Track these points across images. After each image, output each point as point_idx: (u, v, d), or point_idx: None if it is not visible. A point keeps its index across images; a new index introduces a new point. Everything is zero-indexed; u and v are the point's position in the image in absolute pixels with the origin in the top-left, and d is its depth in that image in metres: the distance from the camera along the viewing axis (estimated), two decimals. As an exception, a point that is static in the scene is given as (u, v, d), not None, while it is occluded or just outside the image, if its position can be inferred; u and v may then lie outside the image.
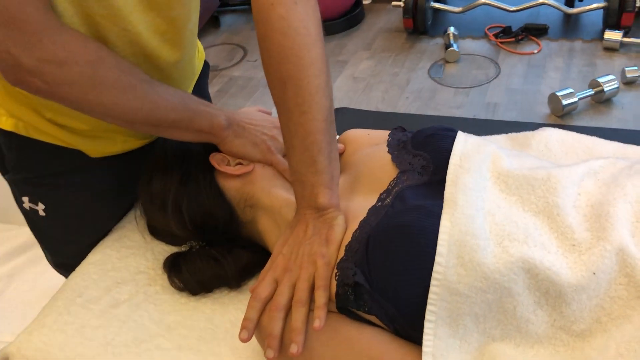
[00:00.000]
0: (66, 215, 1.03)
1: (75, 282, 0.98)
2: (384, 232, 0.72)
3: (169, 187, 0.92)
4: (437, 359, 0.68)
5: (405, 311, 0.70)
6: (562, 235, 0.69)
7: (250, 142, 0.94)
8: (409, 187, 0.79)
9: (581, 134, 0.95)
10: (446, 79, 2.18)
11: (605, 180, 0.75)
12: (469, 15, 2.39)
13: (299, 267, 0.77)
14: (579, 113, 1.93)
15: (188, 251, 0.95)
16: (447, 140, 0.82)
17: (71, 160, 0.97)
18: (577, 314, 0.66)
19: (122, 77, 0.81)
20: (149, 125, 0.87)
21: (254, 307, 0.76)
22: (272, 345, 0.73)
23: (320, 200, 0.79)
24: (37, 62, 0.73)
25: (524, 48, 2.23)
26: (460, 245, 0.68)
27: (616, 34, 2.07)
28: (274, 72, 0.80)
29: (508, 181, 0.75)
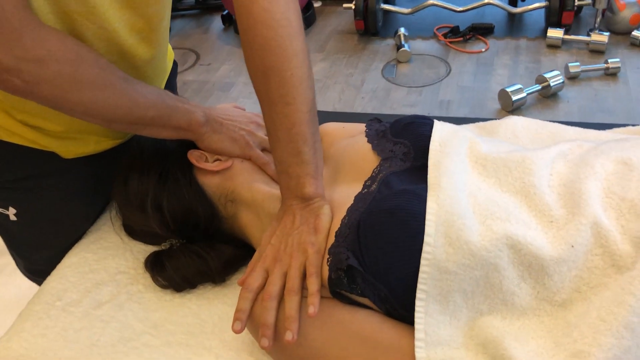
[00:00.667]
0: (39, 219, 1.00)
1: (52, 286, 0.96)
2: (374, 216, 0.74)
3: (146, 187, 0.92)
4: (429, 335, 0.71)
5: (397, 291, 0.72)
6: (540, 212, 0.73)
7: (228, 138, 0.95)
8: (393, 173, 0.82)
9: (544, 121, 1.00)
10: (399, 79, 2.23)
11: (574, 160, 0.79)
12: (417, 16, 2.45)
13: (289, 256, 0.78)
14: (527, 107, 2.01)
15: (170, 248, 0.95)
16: (425, 128, 0.85)
17: (44, 162, 0.95)
18: (559, 285, 0.70)
19: (101, 74, 0.80)
20: (128, 124, 0.86)
21: (246, 297, 0.77)
22: (266, 334, 0.74)
23: (306, 190, 0.81)
24: (16, 61, 0.72)
25: (472, 47, 2.31)
26: (448, 225, 0.71)
27: (558, 32, 2.17)
28: (257, 64, 0.81)
29: (486, 164, 0.79)
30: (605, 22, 2.20)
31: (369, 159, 0.88)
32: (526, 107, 2.02)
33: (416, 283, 0.71)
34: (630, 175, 0.75)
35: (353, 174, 0.87)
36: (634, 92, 1.99)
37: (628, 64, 2.09)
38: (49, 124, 0.91)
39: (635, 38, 2.13)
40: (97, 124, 0.86)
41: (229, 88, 2.28)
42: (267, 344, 0.74)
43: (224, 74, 2.37)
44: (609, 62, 2.03)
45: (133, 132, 0.91)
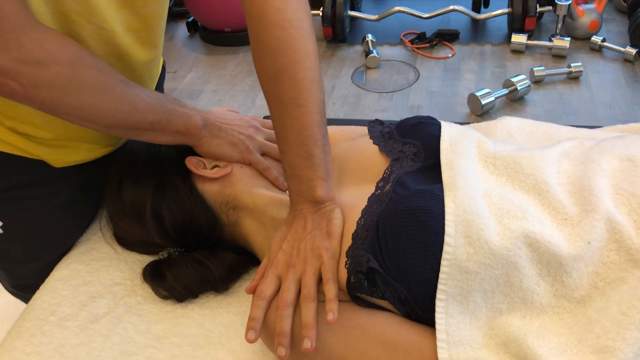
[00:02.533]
0: (27, 231, 0.96)
1: (43, 300, 0.91)
2: (394, 217, 0.73)
3: (143, 196, 0.89)
4: (451, 335, 0.70)
5: (417, 292, 0.72)
6: (554, 210, 0.74)
7: (227, 142, 0.93)
8: (406, 173, 0.81)
9: (537, 121, 1.02)
10: (369, 85, 2.24)
11: (578, 158, 0.81)
12: (384, 22, 2.47)
13: (302, 262, 0.77)
14: (496, 111, 2.05)
15: (169, 257, 0.92)
16: (433, 128, 0.86)
17: (33, 171, 0.91)
18: (577, 282, 0.71)
19: (101, 77, 0.77)
20: (127, 128, 0.83)
21: (259, 306, 0.75)
22: (283, 343, 0.72)
23: (317, 193, 0.80)
24: (13, 63, 0.68)
25: (438, 52, 2.34)
26: (467, 224, 0.71)
27: (521, 37, 2.22)
28: (268, 66, 0.80)
29: (496, 163, 0.79)
30: (565, 28, 2.27)
31: (377, 160, 0.87)
32: (495, 111, 2.05)
33: (436, 284, 0.71)
34: (637, 172, 0.76)
35: (360, 175, 0.87)
36: (596, 95, 2.05)
37: (589, 67, 2.16)
38: (40, 131, 0.87)
39: (594, 43, 2.20)
40: (94, 129, 0.82)
41: (197, 95, 2.24)
42: (284, 353, 0.72)
43: (191, 81, 2.33)
44: (572, 66, 2.09)
45: (131, 138, 0.88)
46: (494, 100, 2.00)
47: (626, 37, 2.29)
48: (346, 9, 2.39)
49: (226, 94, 2.23)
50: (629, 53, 2.13)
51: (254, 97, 2.19)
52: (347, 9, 2.40)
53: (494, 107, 2.01)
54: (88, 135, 0.91)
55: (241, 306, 0.89)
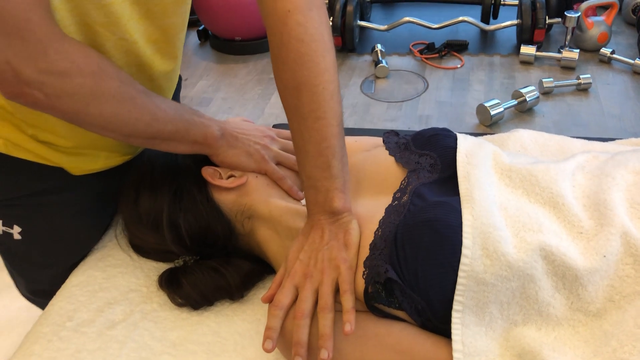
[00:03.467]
0: (44, 238, 0.97)
1: (61, 306, 0.92)
2: (412, 228, 0.74)
3: (160, 205, 0.90)
4: (467, 346, 0.71)
5: (434, 303, 0.72)
6: (570, 223, 0.75)
7: (244, 152, 0.94)
8: (423, 184, 0.82)
9: (550, 134, 1.03)
10: (378, 94, 2.25)
11: (592, 172, 0.81)
12: (393, 32, 2.49)
13: (320, 272, 0.77)
14: (505, 122, 2.06)
15: (185, 265, 0.93)
16: (450, 140, 0.87)
17: (52, 178, 0.92)
18: (593, 295, 0.71)
19: (122, 87, 0.79)
20: (146, 138, 0.84)
21: (277, 315, 0.76)
22: (300, 353, 0.73)
23: (335, 204, 0.81)
24: (38, 74, 0.70)
25: (447, 63, 2.35)
26: (484, 236, 0.72)
27: (530, 49, 2.23)
28: (288, 79, 0.81)
29: (511, 175, 0.80)
30: (574, 40, 2.28)
31: (393, 171, 0.88)
32: (504, 122, 2.06)
33: (453, 295, 0.71)
34: (651, 186, 0.77)
35: (377, 186, 0.87)
36: (605, 106, 2.06)
37: (598, 79, 2.16)
38: (59, 140, 0.89)
39: (603, 55, 2.21)
40: (115, 138, 0.83)
41: (208, 103, 2.25)
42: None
43: (201, 89, 2.34)
44: (581, 78, 2.10)
45: (150, 147, 0.89)
46: (502, 111, 2.01)
47: (635, 49, 2.30)
48: (356, 18, 2.40)
49: (236, 102, 2.24)
50: (638, 65, 2.14)
51: (264, 106, 2.20)
52: (356, 18, 2.42)
53: (503, 117, 2.02)
54: (105, 143, 0.92)
55: (256, 314, 0.90)
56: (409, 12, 2.61)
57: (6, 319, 1.39)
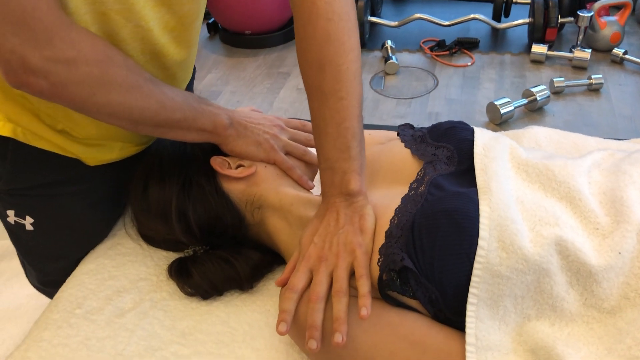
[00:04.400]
0: (57, 229, 0.97)
1: (70, 293, 0.92)
2: (430, 217, 0.74)
3: (169, 195, 0.89)
4: (480, 340, 0.70)
5: (448, 294, 0.72)
6: (586, 219, 0.74)
7: (253, 142, 0.93)
8: (440, 175, 0.82)
9: (564, 131, 1.02)
10: (387, 90, 2.25)
11: (610, 169, 0.81)
12: (404, 29, 2.48)
13: (335, 256, 0.77)
14: (515, 121, 2.05)
15: (194, 255, 0.92)
16: (466, 133, 0.86)
17: (67, 170, 0.92)
18: (607, 292, 0.70)
19: (129, 75, 0.78)
20: (154, 126, 0.84)
21: (291, 298, 0.75)
22: (314, 336, 0.73)
23: (351, 186, 0.80)
24: (44, 62, 0.69)
25: (458, 60, 2.34)
26: (501, 229, 0.71)
27: (542, 48, 2.22)
28: (313, 57, 0.80)
29: (528, 170, 0.79)
30: (586, 40, 2.26)
31: (409, 162, 0.87)
32: (514, 121, 2.05)
33: (468, 287, 0.71)
34: (668, 184, 0.76)
35: (392, 177, 0.87)
36: (617, 107, 2.05)
37: (609, 80, 2.15)
38: (76, 130, 0.89)
39: (615, 55, 2.20)
40: (123, 126, 0.83)
41: (216, 97, 2.25)
42: (315, 346, 0.72)
43: (210, 82, 2.34)
44: (593, 78, 2.09)
45: (158, 135, 0.89)
46: (513, 110, 2.00)
47: (648, 50, 2.29)
48: (366, 14, 2.39)
49: (245, 95, 2.24)
50: (651, 66, 2.13)
51: (272, 100, 2.20)
52: (367, 14, 2.41)
53: (513, 116, 2.01)
54: (120, 134, 0.92)
55: (265, 305, 0.89)
56: (420, 8, 2.60)
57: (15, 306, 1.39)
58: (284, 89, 2.26)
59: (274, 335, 0.85)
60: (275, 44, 2.52)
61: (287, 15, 2.52)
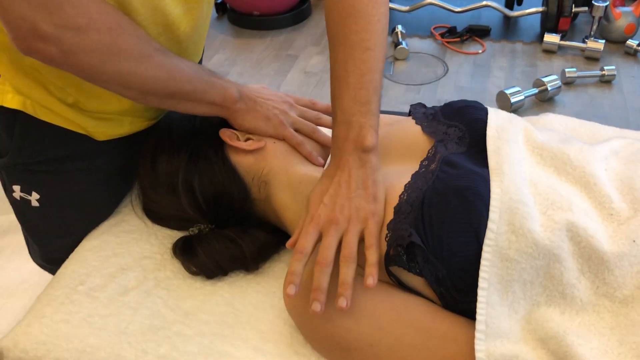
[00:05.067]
0: (62, 206, 0.96)
1: (73, 269, 0.91)
2: (441, 195, 0.72)
3: (176, 166, 0.88)
4: (490, 327, 0.69)
5: (456, 273, 0.70)
6: (600, 205, 0.73)
7: (262, 116, 0.92)
8: (452, 154, 0.80)
9: (580, 120, 1.00)
10: (397, 76, 2.22)
11: (628, 157, 0.79)
12: (414, 14, 2.45)
13: (346, 220, 0.75)
14: (525, 110, 2.03)
15: (200, 234, 0.91)
16: (480, 113, 0.84)
17: (75, 145, 0.92)
18: (620, 281, 0.69)
19: (140, 45, 0.77)
20: (163, 97, 0.83)
21: (300, 260, 0.74)
22: (320, 298, 0.71)
23: (367, 142, 0.77)
24: (55, 29, 0.68)
25: (468, 48, 2.31)
26: (511, 212, 0.70)
27: (554, 37, 2.19)
28: (345, 5, 0.79)
29: (543, 153, 0.78)
30: (600, 30, 2.23)
31: (420, 139, 0.86)
32: (524, 110, 2.03)
33: (475, 268, 0.69)
34: (688, 176, 0.74)
35: (403, 153, 0.85)
36: (629, 100, 2.02)
37: (622, 72, 2.12)
38: (86, 102, 0.87)
39: (629, 47, 2.17)
40: (132, 97, 0.82)
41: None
42: (319, 308, 0.71)
43: (217, 62, 2.32)
44: (605, 70, 2.06)
45: (167, 107, 0.88)
46: (523, 99, 1.97)
47: (662, 42, 2.25)
48: (378, -2, 2.37)
49: (252, 77, 2.22)
50: (665, 59, 2.10)
51: (280, 82, 2.18)
52: (378, -2, 2.39)
53: (523, 106, 1.99)
54: (130, 108, 0.91)
55: (270, 287, 0.88)
56: (431, -6, 2.57)
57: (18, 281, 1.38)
58: (292, 72, 2.24)
59: (279, 317, 0.84)
60: (283, 25, 2.49)
61: (296, -3, 2.49)
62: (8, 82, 0.85)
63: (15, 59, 0.82)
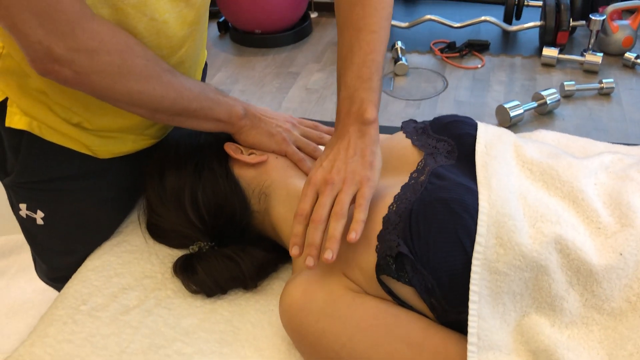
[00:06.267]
0: (67, 224, 0.98)
1: (76, 289, 0.93)
2: (429, 206, 0.74)
3: (184, 179, 0.92)
4: (482, 340, 0.70)
5: (444, 283, 0.71)
6: (588, 218, 0.74)
7: (266, 132, 0.96)
8: (441, 166, 0.82)
9: (572, 135, 1.01)
10: (397, 92, 2.24)
11: (617, 173, 0.80)
12: (414, 30, 2.48)
13: (341, 180, 0.78)
14: (524, 124, 2.04)
15: (200, 252, 0.93)
16: (468, 127, 0.86)
17: (79, 164, 0.95)
18: (608, 293, 0.70)
19: (148, 66, 0.81)
20: (172, 115, 0.87)
21: (300, 222, 0.77)
22: (312, 253, 0.74)
23: (367, 115, 0.81)
24: (68, 52, 0.73)
25: (468, 63, 2.34)
26: (499, 225, 0.71)
27: (553, 51, 2.21)
28: None
29: (532, 168, 0.79)
30: (598, 43, 2.25)
31: (410, 152, 0.88)
32: (523, 124, 2.04)
33: (462, 277, 0.71)
34: (676, 192, 0.76)
35: (393, 166, 0.88)
36: (628, 112, 2.03)
37: (621, 84, 2.14)
38: (91, 121, 0.91)
39: (627, 60, 2.18)
40: (142, 114, 0.86)
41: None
42: (312, 263, 0.74)
43: (220, 80, 2.35)
44: (604, 82, 2.07)
45: (175, 124, 0.92)
46: (522, 113, 1.99)
47: (660, 55, 2.27)
48: (377, 15, 2.40)
49: (254, 94, 2.25)
50: (663, 71, 2.11)
51: (281, 100, 2.20)
52: (378, 15, 2.41)
53: (523, 119, 2.01)
54: (133, 126, 0.95)
55: (269, 305, 0.90)
56: (430, 10, 2.60)
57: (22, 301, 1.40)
58: (293, 89, 2.27)
59: (277, 335, 0.85)
60: (285, 43, 2.53)
61: (297, 15, 2.53)
62: (15, 105, 0.89)
63: (23, 83, 0.86)
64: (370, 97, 0.82)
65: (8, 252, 1.52)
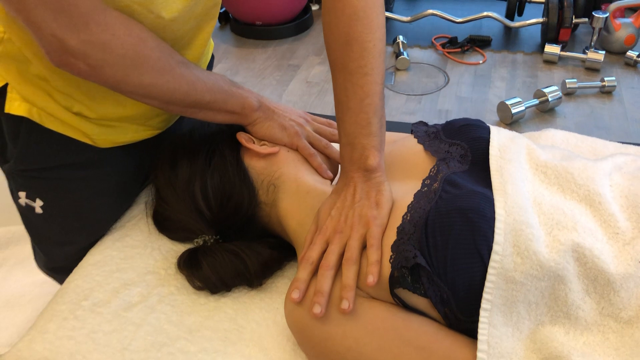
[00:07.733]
0: (65, 214, 0.97)
1: (77, 284, 0.91)
2: (445, 215, 0.72)
3: (195, 166, 0.91)
4: (492, 347, 0.69)
5: (460, 294, 0.70)
6: (605, 223, 0.73)
7: (278, 125, 0.96)
8: (454, 173, 0.81)
9: (581, 135, 1.00)
10: (398, 86, 2.23)
11: (632, 173, 0.79)
12: (416, 25, 2.46)
13: (349, 227, 0.78)
14: (526, 121, 2.03)
15: (204, 246, 0.92)
16: (481, 131, 0.85)
17: (79, 153, 0.94)
18: (626, 302, 0.69)
19: (162, 58, 0.81)
20: (185, 106, 0.87)
21: (306, 268, 0.77)
22: (320, 301, 0.73)
23: (369, 162, 0.81)
24: (81, 45, 0.72)
25: (469, 58, 2.32)
26: (516, 233, 0.70)
27: (555, 48, 2.19)
28: (340, 33, 0.82)
29: (547, 172, 0.78)
30: (600, 41, 2.24)
31: (421, 158, 0.87)
32: (524, 121, 2.03)
33: (480, 288, 0.70)
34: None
35: (404, 172, 0.87)
36: (629, 111, 2.02)
37: (622, 83, 2.13)
38: (92, 108, 0.90)
39: (629, 58, 2.17)
40: (156, 105, 0.86)
41: (225, 87, 2.24)
42: (319, 310, 0.73)
43: (220, 72, 2.31)
44: (605, 80, 2.06)
45: (188, 115, 0.91)
46: (524, 110, 1.98)
47: (662, 53, 2.26)
48: (379, 9, 2.38)
49: (254, 86, 2.22)
50: (665, 70, 2.10)
51: (281, 92, 2.18)
52: (379, 9, 2.39)
53: (524, 116, 1.99)
54: (135, 116, 0.94)
55: (274, 303, 0.89)
56: (432, 4, 2.58)
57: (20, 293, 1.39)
58: (294, 82, 2.25)
59: (282, 334, 0.84)
60: (286, 35, 2.50)
61: (299, 7, 2.50)
62: (15, 91, 0.88)
63: (23, 69, 0.85)
64: (371, 143, 0.81)
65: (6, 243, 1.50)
